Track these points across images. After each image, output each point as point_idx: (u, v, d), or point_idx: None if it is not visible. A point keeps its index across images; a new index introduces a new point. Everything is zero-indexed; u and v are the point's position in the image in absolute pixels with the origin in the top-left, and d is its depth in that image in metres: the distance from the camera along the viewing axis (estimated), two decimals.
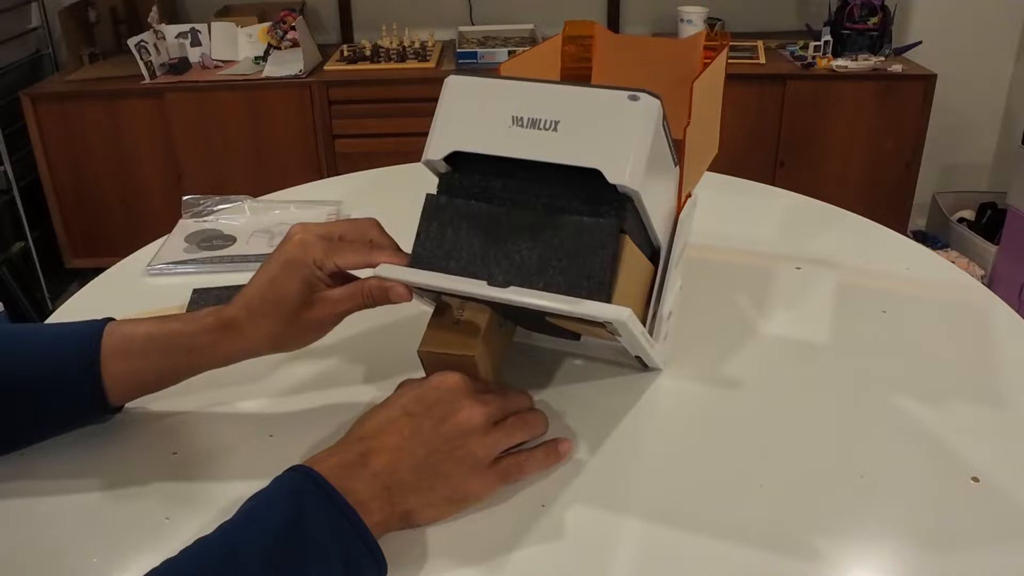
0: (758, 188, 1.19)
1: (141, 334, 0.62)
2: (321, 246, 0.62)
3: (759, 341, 0.80)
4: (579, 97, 0.57)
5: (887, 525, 0.56)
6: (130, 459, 0.65)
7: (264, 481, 0.53)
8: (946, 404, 0.70)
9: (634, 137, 0.55)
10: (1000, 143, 2.92)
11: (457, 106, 0.60)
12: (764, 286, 0.90)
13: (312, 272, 0.61)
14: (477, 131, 0.59)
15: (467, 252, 0.59)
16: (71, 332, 0.63)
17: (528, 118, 0.57)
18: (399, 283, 0.61)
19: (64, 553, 0.57)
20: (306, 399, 0.72)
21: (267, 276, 0.62)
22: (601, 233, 0.56)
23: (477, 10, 2.86)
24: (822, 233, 1.04)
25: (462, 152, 0.59)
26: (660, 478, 0.62)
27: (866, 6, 2.50)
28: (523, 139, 0.57)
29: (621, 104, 0.56)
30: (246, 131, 2.51)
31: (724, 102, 0.80)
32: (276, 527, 0.49)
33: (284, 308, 0.62)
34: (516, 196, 0.59)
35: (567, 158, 0.56)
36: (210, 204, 1.10)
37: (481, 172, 0.60)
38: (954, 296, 0.89)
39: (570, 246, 0.57)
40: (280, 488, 0.52)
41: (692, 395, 0.72)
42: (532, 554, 0.56)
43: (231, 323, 0.62)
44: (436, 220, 0.60)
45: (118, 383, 0.62)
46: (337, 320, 0.64)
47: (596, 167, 0.55)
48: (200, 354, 0.63)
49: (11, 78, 2.59)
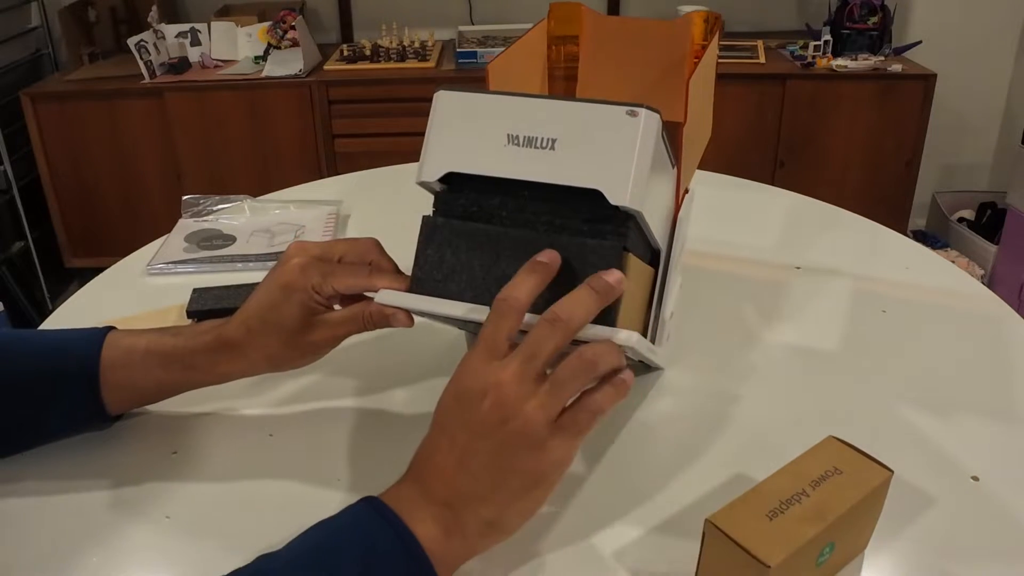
0: (758, 188, 1.19)
1: (141, 348, 0.62)
2: (319, 270, 0.60)
3: (759, 341, 0.80)
4: (576, 113, 0.55)
5: (887, 525, 0.56)
6: (130, 458, 0.65)
7: (265, 479, 0.53)
8: (946, 404, 0.70)
9: (634, 155, 0.54)
10: (1000, 143, 2.92)
11: (449, 124, 0.58)
12: (764, 286, 0.90)
13: (310, 297, 0.60)
14: (471, 150, 0.57)
15: (467, 275, 0.57)
16: (72, 341, 0.63)
17: (524, 136, 0.55)
18: (400, 310, 0.59)
19: (64, 552, 0.57)
20: (306, 399, 0.72)
21: (267, 299, 0.61)
22: (605, 255, 0.55)
23: (477, 10, 2.86)
24: (822, 233, 1.04)
25: (458, 173, 0.58)
26: (663, 477, 0.62)
27: (866, 6, 2.50)
28: (519, 158, 0.55)
29: (619, 120, 0.54)
30: (246, 131, 2.51)
31: (724, 102, 0.80)
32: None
33: (283, 331, 0.61)
34: (515, 215, 0.58)
35: (566, 179, 0.54)
36: (210, 204, 1.10)
37: (477, 191, 0.58)
38: (954, 296, 0.89)
39: (573, 268, 0.55)
40: (354, 528, 0.49)
41: (693, 395, 0.72)
42: (532, 553, 0.56)
43: (230, 343, 0.62)
44: (434, 243, 0.58)
45: (117, 394, 0.63)
46: (336, 342, 0.64)
47: (596, 188, 0.54)
48: (198, 371, 0.63)
49: (11, 78, 2.59)
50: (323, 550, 0.48)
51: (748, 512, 0.49)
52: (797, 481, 0.51)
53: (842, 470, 0.52)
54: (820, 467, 0.53)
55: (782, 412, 0.70)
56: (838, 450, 0.54)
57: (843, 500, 0.50)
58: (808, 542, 0.48)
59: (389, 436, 0.68)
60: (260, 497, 0.62)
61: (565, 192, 0.55)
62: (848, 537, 0.53)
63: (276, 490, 0.62)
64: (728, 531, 0.48)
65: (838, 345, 0.79)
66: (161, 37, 2.54)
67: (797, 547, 0.47)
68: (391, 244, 0.65)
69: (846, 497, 0.51)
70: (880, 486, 0.52)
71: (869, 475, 0.52)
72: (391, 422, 0.70)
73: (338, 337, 0.63)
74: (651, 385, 0.73)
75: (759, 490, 0.51)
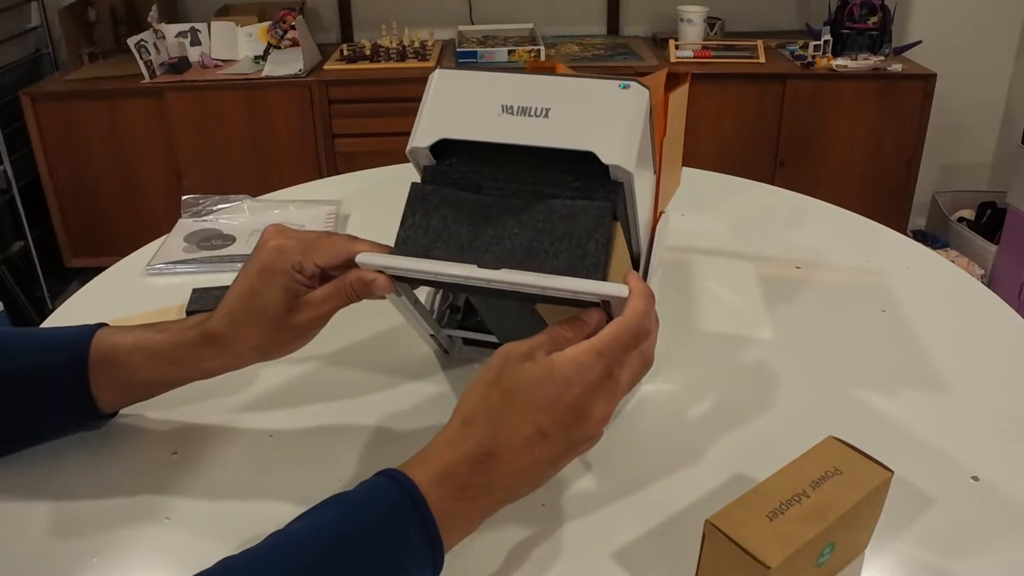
0: (758, 187, 1.19)
1: (128, 344, 0.62)
2: (298, 248, 0.60)
3: (759, 340, 0.80)
4: (569, 86, 0.57)
5: (887, 524, 0.56)
6: (130, 459, 0.65)
7: (265, 479, 0.53)
8: (946, 403, 0.70)
9: (626, 121, 0.55)
10: (1000, 143, 2.92)
11: (444, 97, 0.59)
12: (764, 285, 0.90)
13: (292, 278, 0.59)
14: (465, 119, 0.58)
15: (454, 239, 0.57)
16: (61, 339, 0.63)
17: (518, 106, 0.57)
18: (381, 274, 0.59)
19: (64, 553, 0.57)
20: (306, 399, 0.72)
21: (247, 286, 0.60)
22: (595, 215, 0.56)
23: (477, 10, 2.86)
24: (822, 232, 1.04)
25: (449, 145, 0.59)
26: (663, 478, 0.62)
27: (866, 5, 2.50)
28: (513, 125, 0.56)
29: (612, 92, 0.56)
30: (246, 130, 2.51)
31: (724, 102, 0.81)
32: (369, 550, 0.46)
33: (267, 317, 0.60)
34: (504, 185, 0.58)
35: (559, 142, 0.55)
36: (210, 204, 1.10)
37: (468, 164, 0.59)
38: (954, 296, 0.89)
39: (562, 229, 0.56)
40: (378, 506, 0.49)
41: (692, 395, 0.72)
42: (533, 553, 0.56)
43: (215, 337, 0.61)
44: (421, 207, 0.58)
45: (107, 391, 0.62)
46: (323, 322, 0.62)
47: (589, 149, 0.55)
48: (185, 367, 0.62)
49: (11, 78, 2.59)
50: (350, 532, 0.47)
51: (748, 513, 0.49)
52: (797, 481, 0.51)
53: (842, 470, 0.52)
54: (820, 467, 0.53)
55: (782, 412, 0.70)
56: (838, 450, 0.54)
57: (843, 500, 0.50)
58: (808, 542, 0.48)
59: (389, 436, 0.68)
60: (260, 497, 0.62)
61: (556, 162, 0.56)
62: (848, 537, 0.53)
63: (276, 490, 0.62)
64: (728, 532, 0.48)
65: (838, 345, 0.79)
66: (161, 37, 2.54)
67: (797, 548, 0.47)
68: (391, 243, 0.64)
69: (846, 497, 0.51)
70: (880, 486, 0.52)
71: (869, 475, 0.52)
72: (391, 422, 0.70)
73: (323, 315, 0.61)
74: (651, 385, 0.73)
75: (759, 491, 0.51)
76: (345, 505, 0.49)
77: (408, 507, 0.48)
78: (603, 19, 2.88)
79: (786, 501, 0.50)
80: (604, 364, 0.51)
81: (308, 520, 0.48)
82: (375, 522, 0.47)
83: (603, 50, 2.66)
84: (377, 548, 0.46)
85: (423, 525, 0.48)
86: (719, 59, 2.51)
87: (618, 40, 2.80)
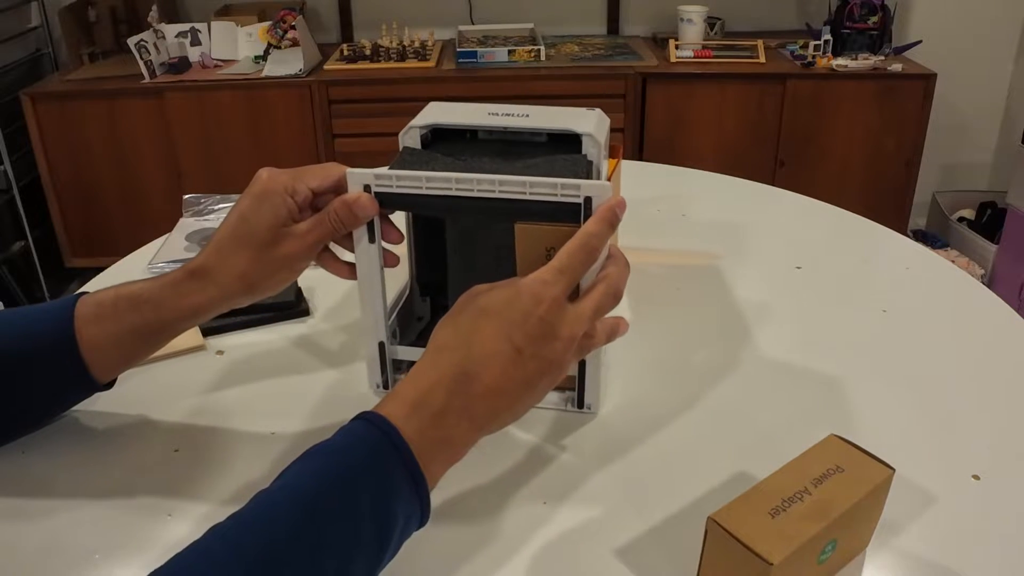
0: (758, 188, 1.19)
1: (110, 297, 0.62)
2: (290, 173, 0.63)
3: (760, 340, 0.80)
4: (546, 108, 0.70)
5: (887, 524, 0.57)
6: (131, 456, 0.65)
7: (267, 476, 0.53)
8: (946, 403, 0.71)
9: (595, 122, 0.67)
10: (1000, 142, 2.92)
11: (436, 108, 0.71)
12: (764, 286, 0.90)
13: (284, 200, 0.61)
14: (457, 114, 0.69)
15: (445, 166, 0.63)
16: (45, 309, 0.63)
17: (503, 112, 0.69)
18: (364, 193, 0.61)
19: (65, 550, 0.57)
20: (307, 397, 0.72)
21: (236, 214, 0.62)
22: (575, 160, 0.64)
23: (477, 9, 2.86)
24: (822, 233, 1.04)
25: (439, 141, 0.69)
26: (665, 475, 0.63)
27: (866, 5, 2.50)
28: (499, 120, 0.68)
29: (580, 111, 0.69)
30: (246, 130, 2.51)
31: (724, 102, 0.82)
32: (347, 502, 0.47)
33: (254, 244, 0.61)
34: (486, 161, 0.66)
35: (540, 126, 0.68)
36: (210, 203, 1.10)
37: (455, 148, 0.67)
38: (954, 296, 0.89)
39: (544, 168, 0.62)
40: (356, 451, 0.49)
41: (693, 394, 0.72)
42: (533, 553, 0.56)
43: (198, 270, 0.62)
44: (405, 163, 0.64)
45: (96, 351, 0.62)
46: (309, 254, 0.63)
47: (568, 128, 0.66)
48: (168, 307, 0.62)
49: (11, 78, 2.59)
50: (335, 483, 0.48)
51: (750, 510, 0.49)
52: (799, 479, 0.52)
53: (844, 468, 0.53)
54: (822, 465, 0.53)
55: (783, 411, 0.70)
56: (840, 448, 0.54)
57: (845, 498, 0.50)
58: (810, 540, 0.48)
59: None
60: None
61: (534, 156, 0.65)
62: (850, 535, 0.53)
63: None
64: (730, 529, 0.48)
65: (838, 345, 0.79)
66: (161, 37, 2.54)
67: (799, 545, 0.47)
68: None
69: (848, 495, 0.51)
70: (882, 484, 0.52)
71: (871, 473, 0.52)
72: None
73: (308, 247, 0.62)
74: (650, 384, 0.73)
75: (761, 488, 0.51)
76: (324, 456, 0.49)
77: (386, 448, 0.49)
78: (603, 19, 2.89)
79: (788, 498, 0.50)
80: (566, 280, 0.55)
81: (289, 476, 0.48)
82: (356, 471, 0.48)
83: (603, 50, 2.66)
84: (361, 497, 0.47)
85: (402, 462, 0.49)
86: (719, 59, 2.51)
87: (618, 40, 2.80)
